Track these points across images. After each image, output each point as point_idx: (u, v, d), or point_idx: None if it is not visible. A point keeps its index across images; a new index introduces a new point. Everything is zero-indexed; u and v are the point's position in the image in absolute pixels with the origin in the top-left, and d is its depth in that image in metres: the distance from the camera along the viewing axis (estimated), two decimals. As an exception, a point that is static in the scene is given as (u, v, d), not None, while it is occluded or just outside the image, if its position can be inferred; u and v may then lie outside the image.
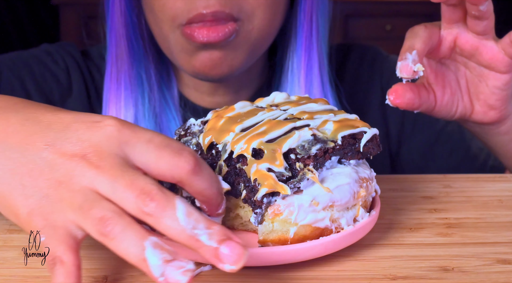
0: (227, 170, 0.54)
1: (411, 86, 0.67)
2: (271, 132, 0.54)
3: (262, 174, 0.51)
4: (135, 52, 0.88)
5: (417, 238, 0.58)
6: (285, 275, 0.51)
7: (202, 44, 0.78)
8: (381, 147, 0.58)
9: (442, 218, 0.63)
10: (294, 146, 0.53)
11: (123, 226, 0.43)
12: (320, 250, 0.51)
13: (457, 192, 0.69)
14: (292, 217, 0.51)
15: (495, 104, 0.69)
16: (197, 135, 0.59)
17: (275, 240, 0.52)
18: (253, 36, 0.81)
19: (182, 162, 0.46)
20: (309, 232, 0.52)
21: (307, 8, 0.87)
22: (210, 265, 0.52)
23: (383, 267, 0.52)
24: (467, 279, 0.50)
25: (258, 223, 0.52)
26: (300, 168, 0.52)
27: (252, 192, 0.52)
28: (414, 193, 0.69)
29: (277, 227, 0.52)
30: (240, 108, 0.60)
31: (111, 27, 0.87)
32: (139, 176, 0.44)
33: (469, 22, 0.65)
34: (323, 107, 0.60)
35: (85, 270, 0.51)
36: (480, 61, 0.67)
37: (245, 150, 0.53)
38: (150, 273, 0.42)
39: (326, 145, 0.54)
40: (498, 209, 0.65)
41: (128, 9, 0.86)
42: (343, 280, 0.50)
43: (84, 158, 0.45)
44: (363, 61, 1.01)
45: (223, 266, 0.42)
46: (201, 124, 0.60)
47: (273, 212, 0.52)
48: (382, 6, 2.77)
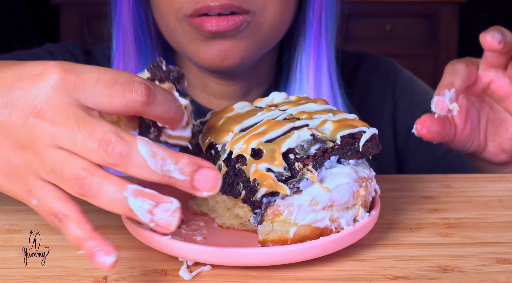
0: (226, 170, 0.54)
1: (438, 120, 0.69)
2: (270, 132, 0.54)
3: (261, 174, 0.51)
4: (143, 49, 0.87)
5: (417, 238, 0.58)
6: (285, 275, 0.51)
7: (212, 34, 0.78)
8: (380, 147, 0.58)
9: (442, 218, 0.63)
10: (293, 146, 0.53)
11: (99, 181, 0.44)
12: (320, 250, 0.51)
13: (457, 192, 0.69)
14: (292, 217, 0.51)
15: (508, 149, 0.70)
16: (196, 136, 0.60)
17: (275, 240, 0.52)
18: (265, 29, 0.81)
19: (134, 96, 0.45)
20: (309, 232, 0.52)
21: (316, 6, 0.87)
22: (210, 265, 0.52)
23: (383, 267, 0.52)
24: (467, 279, 0.50)
25: (258, 223, 0.52)
26: (299, 168, 0.52)
27: (252, 192, 0.52)
28: (414, 193, 0.69)
29: (277, 227, 0.52)
30: (239, 108, 0.60)
31: (118, 23, 0.87)
32: (95, 124, 0.44)
33: (510, 70, 0.66)
34: (322, 107, 0.60)
35: (85, 270, 0.51)
36: (508, 107, 0.69)
37: (244, 150, 0.53)
38: (141, 221, 0.44)
39: (325, 145, 0.54)
40: (498, 209, 0.65)
41: (136, 5, 0.86)
42: (343, 280, 0.50)
43: (38, 115, 0.45)
44: (376, 73, 1.01)
45: (201, 194, 0.45)
46: (200, 125, 0.60)
47: (272, 212, 0.51)
48: (382, 6, 2.77)
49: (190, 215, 0.61)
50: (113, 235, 0.58)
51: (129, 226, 0.54)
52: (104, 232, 0.58)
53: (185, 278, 0.50)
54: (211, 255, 0.50)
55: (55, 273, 0.51)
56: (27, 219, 0.62)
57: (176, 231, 0.55)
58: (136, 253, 0.55)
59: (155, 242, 0.51)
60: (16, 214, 0.63)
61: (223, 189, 0.54)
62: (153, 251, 0.55)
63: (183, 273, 0.51)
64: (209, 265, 0.52)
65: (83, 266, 0.52)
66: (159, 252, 0.54)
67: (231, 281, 0.50)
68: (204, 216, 0.60)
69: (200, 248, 0.50)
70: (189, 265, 0.52)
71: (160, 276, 0.51)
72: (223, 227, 0.58)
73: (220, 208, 0.58)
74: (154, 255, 0.54)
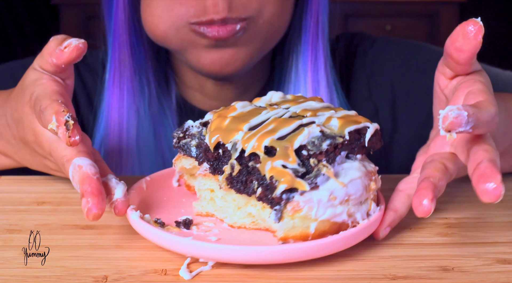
0: (240, 168, 0.54)
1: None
2: (280, 130, 0.55)
3: (278, 170, 0.52)
4: (137, 58, 0.88)
5: (417, 238, 0.58)
6: (285, 275, 0.51)
7: (214, 41, 0.78)
8: (382, 142, 0.59)
9: (442, 218, 0.63)
10: (304, 142, 0.54)
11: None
12: (340, 245, 0.52)
13: (457, 192, 0.69)
14: (312, 213, 0.52)
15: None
16: (196, 137, 0.60)
17: (296, 236, 0.52)
18: (264, 30, 0.81)
19: None
20: (328, 227, 0.53)
21: (314, 8, 0.87)
22: (210, 265, 0.52)
23: (383, 267, 0.52)
24: (467, 279, 0.50)
25: (279, 220, 0.52)
26: (314, 164, 0.53)
27: (269, 189, 0.52)
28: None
29: (298, 223, 0.52)
30: (241, 107, 0.60)
31: (114, 33, 0.86)
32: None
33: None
34: (321, 104, 0.61)
35: (85, 270, 0.51)
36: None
37: (257, 147, 0.54)
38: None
39: (336, 141, 0.55)
40: (498, 209, 0.65)
41: (132, 14, 0.86)
42: (343, 280, 0.50)
43: None
44: (349, 48, 1.00)
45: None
46: (199, 126, 0.60)
47: (292, 208, 0.52)
48: (382, 6, 2.77)
49: (196, 216, 0.60)
50: (113, 235, 0.58)
51: (151, 232, 0.54)
52: (104, 232, 0.59)
53: (185, 278, 0.50)
54: (241, 254, 0.50)
55: (55, 273, 0.51)
56: (27, 219, 0.62)
57: (187, 232, 0.55)
58: (136, 253, 0.55)
59: (177, 244, 0.52)
60: (16, 214, 0.63)
61: (237, 187, 0.55)
62: (153, 251, 0.55)
63: (183, 273, 0.51)
64: (209, 265, 0.52)
65: (83, 266, 0.52)
66: (159, 252, 0.55)
67: (231, 281, 0.50)
68: (211, 217, 0.60)
69: (230, 247, 0.51)
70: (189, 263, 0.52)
71: (160, 276, 0.51)
72: (234, 227, 0.58)
73: (230, 207, 0.58)
74: (154, 255, 0.54)
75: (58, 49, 0.60)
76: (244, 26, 0.79)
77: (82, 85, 0.94)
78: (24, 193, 0.69)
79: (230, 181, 0.56)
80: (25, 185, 0.71)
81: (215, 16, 0.77)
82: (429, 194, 0.52)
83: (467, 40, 0.54)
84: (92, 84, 0.94)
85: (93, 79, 0.94)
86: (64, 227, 0.60)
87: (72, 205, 0.65)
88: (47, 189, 0.69)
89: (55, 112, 0.54)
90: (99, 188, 0.53)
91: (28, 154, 0.66)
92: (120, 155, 0.86)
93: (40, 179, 0.73)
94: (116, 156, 0.86)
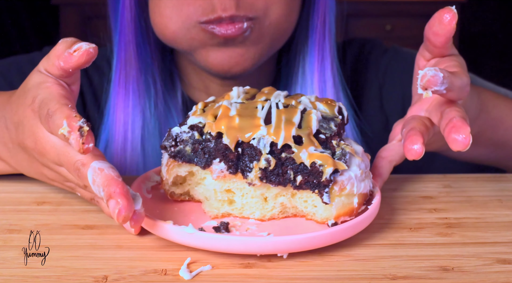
0: (276, 161, 0.56)
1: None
2: (293, 119, 0.58)
3: (318, 155, 0.55)
4: (143, 57, 0.88)
5: (417, 238, 0.58)
6: (285, 275, 0.51)
7: (223, 40, 0.79)
8: None
9: (442, 218, 0.63)
10: (318, 126, 0.58)
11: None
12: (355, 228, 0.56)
13: (457, 192, 0.69)
14: (354, 189, 0.57)
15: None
16: (189, 143, 0.59)
17: (346, 212, 0.57)
18: (271, 31, 0.82)
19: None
20: (362, 199, 0.58)
21: (321, 9, 0.87)
22: (210, 265, 0.52)
23: (383, 267, 0.52)
24: (467, 279, 0.50)
25: (331, 200, 0.56)
26: (336, 145, 0.57)
27: (312, 175, 0.55)
28: (414, 192, 0.69)
29: (345, 201, 0.56)
30: (232, 105, 0.61)
31: (120, 32, 0.86)
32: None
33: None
34: (285, 92, 0.66)
35: (85, 270, 0.52)
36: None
37: (288, 138, 0.56)
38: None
39: (336, 121, 0.60)
40: (498, 209, 0.65)
41: (138, 14, 0.86)
42: (343, 280, 0.50)
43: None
44: (360, 55, 1.01)
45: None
46: (189, 130, 0.59)
47: (339, 188, 0.56)
48: (382, 6, 2.77)
49: (222, 217, 0.60)
50: (113, 235, 0.58)
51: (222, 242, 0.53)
52: (104, 232, 0.59)
53: (185, 278, 0.50)
54: (316, 240, 0.53)
55: (55, 273, 0.51)
56: (27, 219, 0.62)
57: (234, 234, 0.56)
58: (136, 253, 0.55)
59: (259, 245, 0.52)
60: (16, 214, 0.63)
61: (274, 180, 0.57)
62: (153, 251, 0.55)
63: (183, 273, 0.51)
64: (209, 265, 0.52)
65: (83, 266, 0.52)
66: (159, 252, 0.55)
67: (231, 281, 0.50)
68: (227, 217, 0.60)
69: (303, 237, 0.53)
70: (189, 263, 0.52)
71: (160, 276, 0.51)
72: (264, 220, 0.59)
73: (258, 202, 0.59)
74: (154, 255, 0.54)
75: (67, 52, 0.57)
76: (251, 25, 0.79)
77: (89, 83, 0.95)
78: (24, 193, 0.69)
79: (265, 176, 0.57)
80: (25, 185, 0.71)
81: (223, 13, 0.77)
82: (419, 139, 0.57)
83: (442, 26, 0.61)
84: (98, 82, 0.94)
85: (99, 77, 0.94)
86: (64, 227, 0.60)
87: (72, 205, 0.65)
88: (47, 189, 0.69)
89: (66, 117, 0.51)
90: (126, 190, 0.52)
91: (25, 160, 0.63)
92: (125, 155, 0.86)
93: (40, 179, 0.73)
94: (121, 155, 0.86)
